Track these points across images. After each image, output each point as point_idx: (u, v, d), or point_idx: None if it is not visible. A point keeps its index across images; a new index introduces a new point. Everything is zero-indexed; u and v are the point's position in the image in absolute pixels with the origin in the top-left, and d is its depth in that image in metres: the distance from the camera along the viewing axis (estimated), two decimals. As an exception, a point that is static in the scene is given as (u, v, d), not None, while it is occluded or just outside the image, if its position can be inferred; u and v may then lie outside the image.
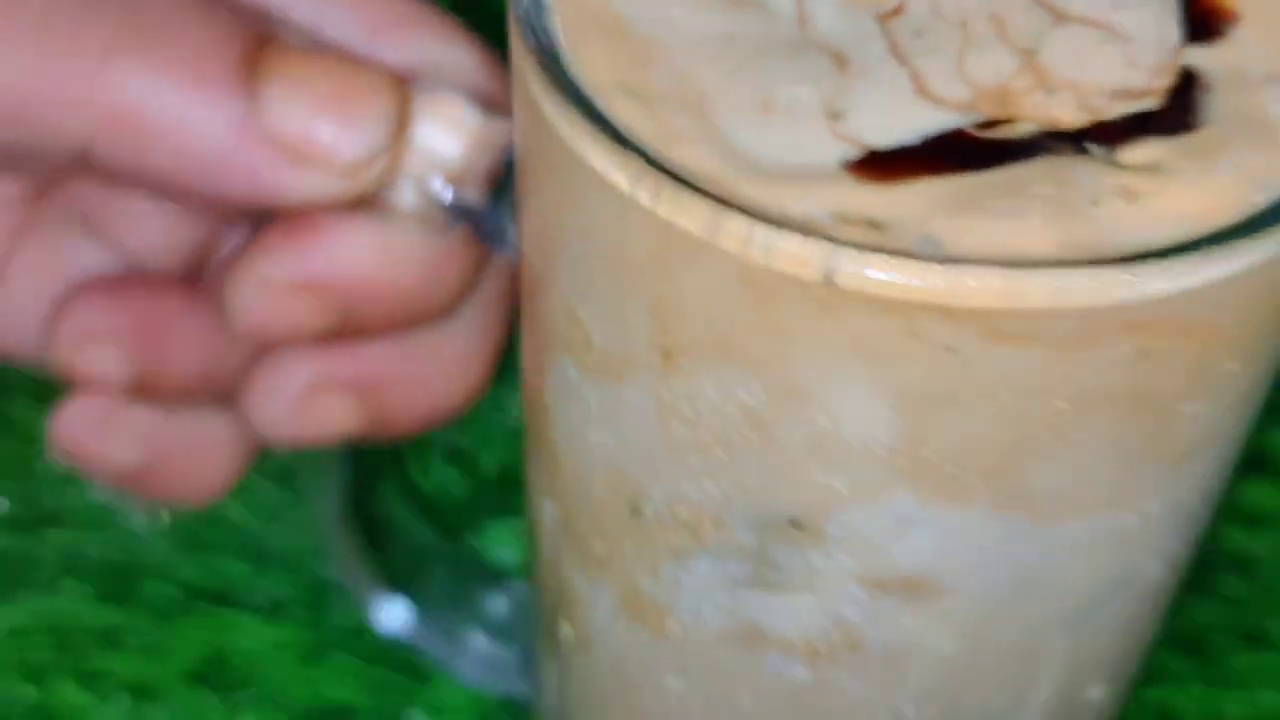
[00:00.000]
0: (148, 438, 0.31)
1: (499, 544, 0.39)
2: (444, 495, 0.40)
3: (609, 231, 0.22)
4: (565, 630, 0.29)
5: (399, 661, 0.37)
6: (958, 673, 0.26)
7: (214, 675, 0.37)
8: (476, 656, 0.35)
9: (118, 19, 0.26)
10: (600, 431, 0.25)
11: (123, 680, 0.37)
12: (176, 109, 0.26)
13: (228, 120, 0.26)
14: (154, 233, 0.31)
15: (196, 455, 0.32)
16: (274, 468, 0.39)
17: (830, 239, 0.21)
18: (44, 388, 0.37)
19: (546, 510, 0.28)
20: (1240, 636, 0.37)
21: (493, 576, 0.35)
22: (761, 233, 0.21)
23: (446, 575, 0.35)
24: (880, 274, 0.21)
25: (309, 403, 0.29)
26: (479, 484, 0.40)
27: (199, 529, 0.39)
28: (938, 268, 0.20)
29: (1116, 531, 0.24)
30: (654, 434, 0.24)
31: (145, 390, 0.30)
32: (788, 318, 0.21)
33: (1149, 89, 0.23)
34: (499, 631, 0.35)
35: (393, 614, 0.35)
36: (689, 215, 0.21)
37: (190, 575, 0.38)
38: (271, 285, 0.27)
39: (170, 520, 0.39)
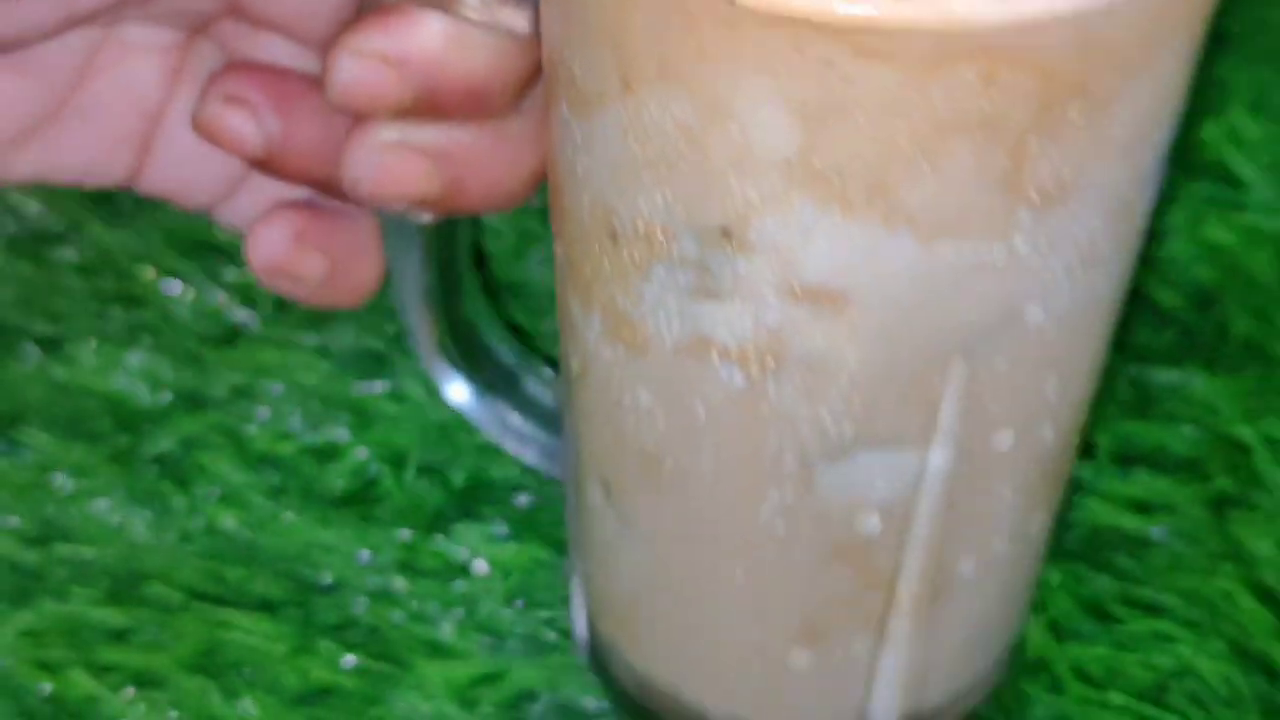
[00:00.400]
0: (329, 249, 0.38)
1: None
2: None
3: None
4: (574, 363, 0.35)
5: (382, 651, 0.42)
6: (867, 387, 0.31)
7: (212, 665, 0.42)
8: (522, 435, 0.42)
9: None
10: (584, 160, 0.31)
11: (130, 672, 0.42)
12: None
13: None
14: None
15: (361, 259, 0.39)
16: (265, 485, 0.45)
17: None
18: (55, 413, 0.44)
19: (558, 253, 0.34)
20: (1138, 607, 0.42)
21: (546, 374, 0.42)
22: None
23: (505, 363, 0.42)
24: None
25: (390, 161, 0.35)
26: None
27: (197, 537, 0.45)
28: None
29: (989, 262, 0.29)
30: (619, 156, 0.30)
31: (273, 163, 0.37)
32: (706, 40, 0.27)
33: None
34: (547, 420, 0.42)
35: (457, 389, 0.41)
36: None
37: (189, 579, 0.44)
38: (361, 56, 0.34)
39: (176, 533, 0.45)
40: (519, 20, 0.34)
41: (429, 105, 0.35)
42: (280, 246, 0.38)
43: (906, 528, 0.33)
